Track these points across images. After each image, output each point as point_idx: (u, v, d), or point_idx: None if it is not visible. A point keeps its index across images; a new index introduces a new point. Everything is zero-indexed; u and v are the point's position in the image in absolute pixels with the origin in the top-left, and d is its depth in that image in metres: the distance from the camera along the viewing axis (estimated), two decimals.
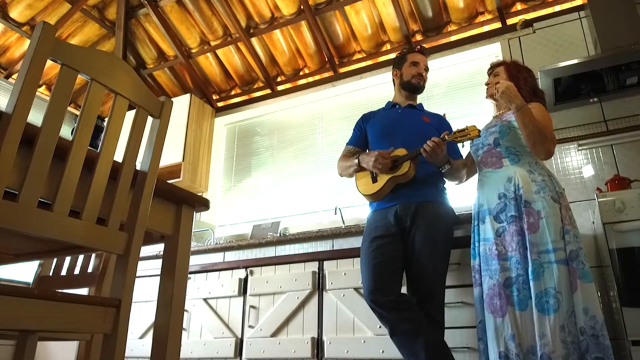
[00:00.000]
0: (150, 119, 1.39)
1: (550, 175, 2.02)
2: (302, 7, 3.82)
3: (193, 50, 4.36)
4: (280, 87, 4.30)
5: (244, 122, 4.46)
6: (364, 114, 2.56)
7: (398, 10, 3.60)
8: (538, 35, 3.28)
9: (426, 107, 2.60)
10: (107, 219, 1.23)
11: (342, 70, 4.04)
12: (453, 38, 3.67)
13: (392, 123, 2.40)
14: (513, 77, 2.20)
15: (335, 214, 3.36)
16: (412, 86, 2.44)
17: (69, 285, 1.90)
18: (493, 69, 2.33)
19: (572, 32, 3.17)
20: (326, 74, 4.10)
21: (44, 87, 4.52)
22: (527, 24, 3.33)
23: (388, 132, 2.37)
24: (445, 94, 3.59)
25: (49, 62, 1.13)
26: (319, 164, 3.90)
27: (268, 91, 4.33)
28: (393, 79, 2.56)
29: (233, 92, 4.54)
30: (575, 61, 2.59)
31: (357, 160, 2.31)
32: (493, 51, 3.48)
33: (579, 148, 2.89)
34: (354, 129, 2.54)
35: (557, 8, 3.35)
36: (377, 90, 3.86)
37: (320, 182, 3.82)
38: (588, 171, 2.83)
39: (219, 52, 4.31)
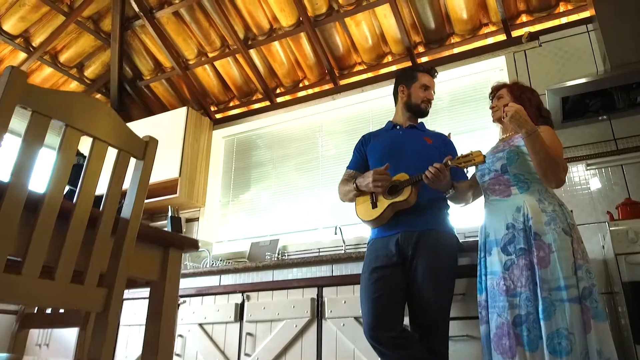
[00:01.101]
0: (133, 161, 1.29)
1: (561, 205, 1.92)
2: (301, 19, 3.73)
3: (190, 62, 4.27)
4: (279, 99, 4.21)
5: (243, 134, 4.36)
6: (363, 136, 2.45)
7: (399, 22, 3.50)
8: (544, 48, 3.17)
9: (428, 123, 2.49)
10: (84, 271, 1.14)
11: (343, 82, 3.94)
12: (456, 50, 3.57)
13: (393, 146, 2.29)
14: (517, 99, 2.10)
15: (336, 233, 3.26)
16: (419, 111, 2.33)
17: (54, 324, 1.81)
18: (495, 92, 2.23)
19: (579, 46, 3.07)
20: (326, 86, 4.00)
21: None
22: (533, 36, 3.23)
23: (389, 155, 2.26)
24: (449, 109, 3.49)
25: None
26: (319, 179, 3.80)
27: (267, 103, 4.24)
28: (397, 94, 2.43)
29: (231, 104, 4.44)
30: (583, 80, 2.48)
31: (354, 184, 2.21)
32: (497, 64, 3.38)
33: (588, 167, 2.78)
34: (353, 152, 2.43)
35: (564, 20, 3.25)
36: (378, 103, 3.76)
37: (320, 198, 3.72)
38: (597, 192, 2.73)
39: (216, 63, 4.22)
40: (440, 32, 3.58)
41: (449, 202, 2.25)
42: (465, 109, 3.43)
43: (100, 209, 1.18)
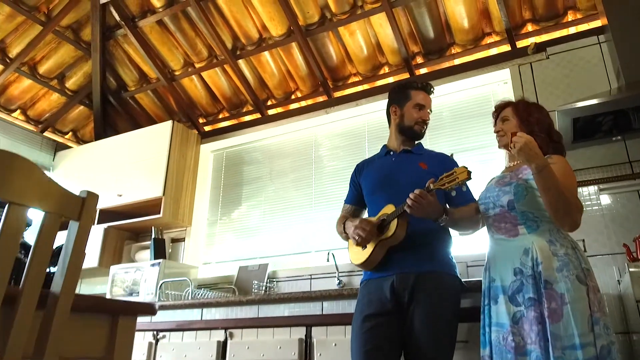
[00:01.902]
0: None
1: (575, 248, 1.70)
2: (291, 28, 3.51)
3: (176, 73, 4.05)
4: (270, 112, 3.99)
5: (233, 148, 4.14)
6: (357, 165, 2.25)
7: (396, 31, 3.28)
8: (552, 60, 2.95)
9: (427, 141, 2.26)
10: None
11: (337, 94, 3.71)
12: (457, 61, 3.34)
13: (385, 175, 2.07)
14: (524, 122, 1.88)
15: (328, 260, 3.04)
16: (413, 134, 2.11)
17: None
18: (499, 112, 2.00)
19: (590, 58, 2.84)
20: (320, 98, 3.78)
21: (18, 111, 4.22)
22: (540, 47, 3.00)
23: (381, 185, 2.05)
24: (450, 124, 3.26)
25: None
26: (311, 198, 3.57)
27: (258, 115, 4.01)
28: (389, 116, 2.21)
29: (221, 116, 4.22)
30: (595, 101, 2.26)
31: (343, 226, 2.02)
32: (501, 77, 3.15)
33: (601, 192, 2.56)
34: (349, 184, 2.24)
35: (573, 30, 3.03)
36: (374, 116, 3.52)
37: (313, 219, 3.49)
38: (611, 220, 2.50)
39: (204, 74, 4.00)
40: (440, 42, 3.36)
41: (450, 233, 2.02)
42: (467, 124, 3.20)
43: (20, 285, 0.96)
